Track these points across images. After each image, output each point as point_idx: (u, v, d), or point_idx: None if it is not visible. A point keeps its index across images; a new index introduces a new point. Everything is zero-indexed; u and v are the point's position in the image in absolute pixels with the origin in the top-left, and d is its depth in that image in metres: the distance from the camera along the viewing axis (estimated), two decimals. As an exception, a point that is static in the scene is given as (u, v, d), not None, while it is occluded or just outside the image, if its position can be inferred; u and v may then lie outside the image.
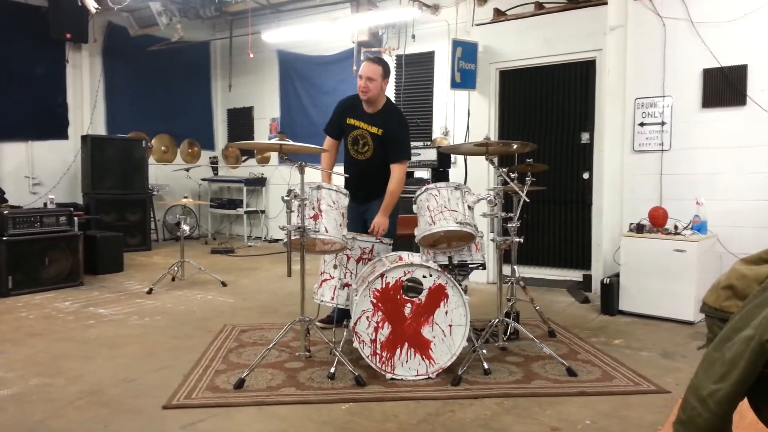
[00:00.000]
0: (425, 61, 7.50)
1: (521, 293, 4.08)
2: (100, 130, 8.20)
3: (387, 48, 7.66)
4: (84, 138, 7.64)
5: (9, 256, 4.96)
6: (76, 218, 5.59)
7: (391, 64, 7.67)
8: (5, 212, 5.07)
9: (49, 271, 5.25)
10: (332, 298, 3.45)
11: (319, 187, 3.23)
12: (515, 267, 3.94)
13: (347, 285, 3.43)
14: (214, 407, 2.69)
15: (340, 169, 3.97)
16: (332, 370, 3.02)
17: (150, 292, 5.15)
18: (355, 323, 3.01)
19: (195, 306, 4.74)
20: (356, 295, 3.06)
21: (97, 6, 6.97)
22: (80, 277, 5.46)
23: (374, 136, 3.82)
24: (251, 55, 8.24)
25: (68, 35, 7.52)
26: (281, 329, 3.29)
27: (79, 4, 6.96)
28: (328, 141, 4.03)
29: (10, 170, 7.35)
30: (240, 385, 2.89)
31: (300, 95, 8.76)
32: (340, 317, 3.80)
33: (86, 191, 7.56)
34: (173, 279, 5.63)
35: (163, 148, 9.07)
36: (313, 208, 3.17)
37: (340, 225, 3.24)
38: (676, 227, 4.40)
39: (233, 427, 2.51)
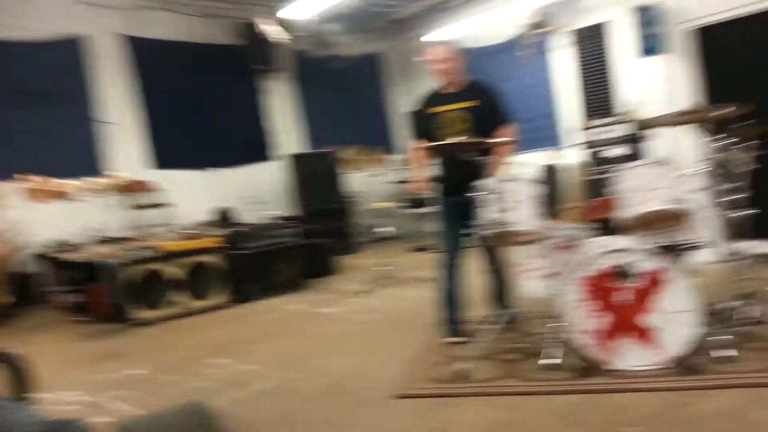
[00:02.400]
0: (599, 33, 7.08)
1: (755, 272, 3.68)
2: (303, 147, 9.06)
3: (555, 27, 7.38)
4: (291, 157, 8.53)
5: (247, 266, 5.73)
6: (296, 230, 6.27)
7: (565, 41, 7.38)
8: (242, 230, 5.89)
9: (279, 278, 5.96)
10: (539, 289, 3.45)
11: (509, 180, 3.27)
12: (746, 243, 3.56)
13: (554, 275, 3.41)
14: (440, 397, 2.88)
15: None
16: (551, 361, 3.04)
17: (363, 291, 5.60)
18: (568, 313, 3.00)
19: (405, 302, 5.05)
20: (565, 285, 3.05)
21: (285, 36, 7.73)
22: (304, 281, 6.12)
23: (470, 109, 3.71)
24: (417, 59, 8.48)
25: (264, 67, 8.42)
26: (493, 322, 3.38)
27: (268, 38, 7.76)
28: (413, 145, 3.91)
29: (236, 192, 8.46)
30: (461, 376, 3.05)
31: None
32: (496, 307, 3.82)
33: (298, 204, 8.43)
34: (381, 278, 6.03)
35: (356, 157, 9.72)
36: (506, 201, 3.21)
37: (536, 215, 3.24)
38: None
39: (461, 416, 2.67)
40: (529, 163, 4.95)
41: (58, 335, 5.18)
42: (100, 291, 5.37)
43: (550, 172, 7.68)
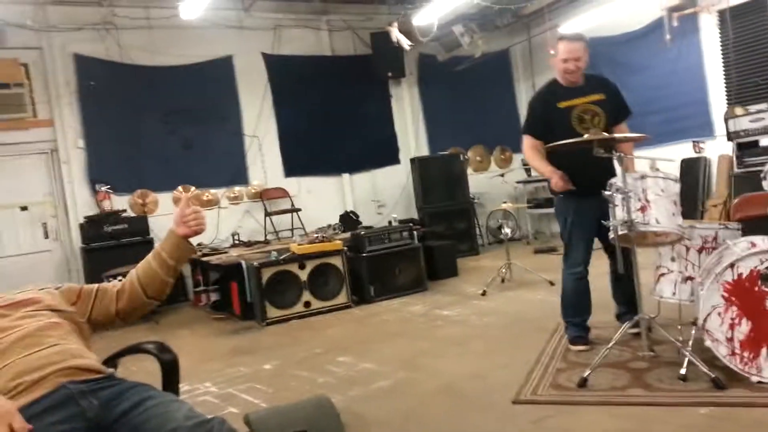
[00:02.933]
0: (757, 8, 6.38)
1: None
2: (424, 151, 9.15)
3: (704, 7, 6.77)
4: (412, 160, 8.64)
5: (369, 268, 5.89)
6: (415, 232, 6.34)
7: (712, 22, 6.75)
8: (362, 233, 6.06)
9: (399, 279, 6.06)
10: (673, 294, 3.20)
11: (643, 177, 3.05)
12: None
13: (690, 278, 3.14)
14: (560, 404, 2.76)
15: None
16: (683, 371, 2.80)
17: (484, 294, 5.52)
18: (705, 320, 2.74)
19: (527, 306, 4.91)
20: (702, 289, 2.79)
21: (410, 43, 7.86)
22: (424, 283, 6.17)
23: (599, 102, 3.51)
24: (552, 52, 8.17)
25: (390, 74, 8.65)
26: (619, 328, 3.19)
27: (396, 45, 7.95)
28: (531, 142, 3.63)
29: (360, 197, 8.75)
30: (583, 383, 2.90)
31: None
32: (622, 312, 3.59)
33: (419, 206, 8.52)
34: (503, 281, 5.92)
35: (478, 158, 9.64)
36: (639, 200, 3.01)
37: (673, 214, 3.01)
38: None
39: (582, 425, 2.54)
40: (669, 157, 4.60)
41: (198, 331, 5.67)
42: (237, 291, 5.79)
43: (692, 165, 7.09)
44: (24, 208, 6.97)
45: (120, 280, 2.09)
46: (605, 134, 3.14)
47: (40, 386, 1.57)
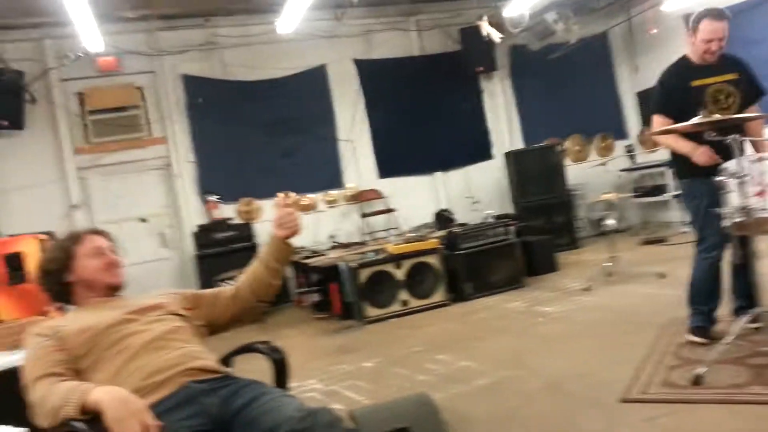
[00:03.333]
0: None
1: None
2: (519, 144, 8.95)
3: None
4: (507, 154, 8.49)
5: (464, 266, 5.85)
6: (511, 227, 6.22)
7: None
8: (457, 230, 6.04)
9: (496, 276, 5.97)
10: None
11: (761, 159, 2.82)
12: None
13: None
14: (674, 403, 2.61)
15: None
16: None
17: (587, 289, 5.32)
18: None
19: (635, 300, 4.68)
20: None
21: (501, 35, 7.72)
22: (522, 279, 6.04)
23: (733, 82, 3.27)
24: (654, 31, 7.73)
25: (481, 68, 8.55)
26: (737, 321, 2.97)
27: (486, 39, 7.84)
28: (664, 121, 3.34)
29: (454, 194, 8.71)
30: (698, 381, 2.73)
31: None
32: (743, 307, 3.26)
33: (515, 201, 8.34)
34: (608, 275, 5.66)
35: (576, 148, 9.28)
36: (758, 184, 2.78)
37: (796, 199, 2.75)
38: None
39: (699, 424, 2.39)
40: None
41: (302, 330, 5.90)
42: (337, 291, 5.97)
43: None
44: (143, 220, 7.58)
45: (230, 284, 2.24)
46: (718, 116, 2.93)
47: (167, 386, 1.73)
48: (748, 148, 2.87)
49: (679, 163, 3.37)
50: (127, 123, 7.41)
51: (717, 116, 2.90)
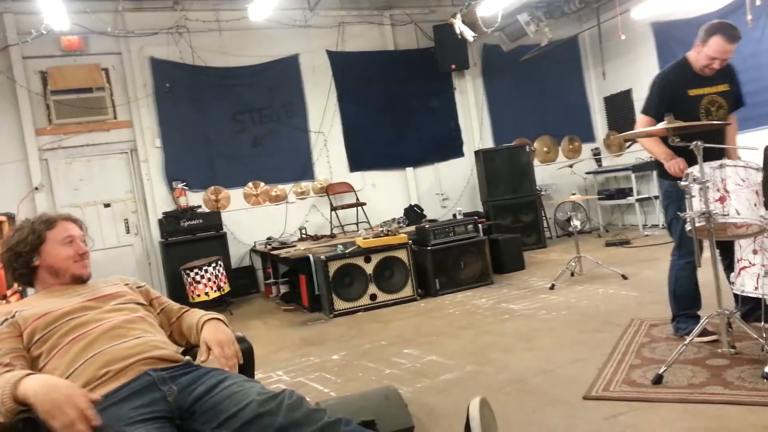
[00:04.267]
0: None
1: None
2: (489, 143, 9.05)
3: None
4: (477, 153, 8.56)
5: (433, 262, 5.90)
6: (480, 225, 6.29)
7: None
8: (427, 226, 6.07)
9: (464, 272, 6.03)
10: (756, 288, 3.05)
11: (722, 166, 2.91)
12: None
13: (773, 272, 2.98)
14: (634, 401, 2.68)
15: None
16: (767, 369, 2.67)
17: (552, 287, 5.42)
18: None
19: (598, 300, 4.79)
20: (789, 284, 2.64)
21: (473, 34, 7.78)
22: (490, 276, 6.11)
23: (724, 93, 3.36)
24: (623, 37, 7.89)
25: (453, 66, 8.59)
26: (697, 323, 3.06)
27: (459, 37, 7.88)
28: (650, 123, 3.35)
29: (424, 190, 8.76)
30: (658, 380, 2.81)
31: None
32: (749, 311, 3.32)
33: (484, 199, 8.43)
34: (572, 274, 5.79)
35: (545, 149, 9.43)
36: (718, 190, 2.87)
37: (755, 204, 2.85)
38: None
39: (657, 422, 2.47)
40: (751, 144, 4.37)
41: (269, 322, 5.85)
42: (305, 283, 5.94)
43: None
44: (107, 205, 7.40)
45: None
46: (679, 122, 3.01)
47: (125, 374, 1.70)
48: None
49: (662, 164, 3.40)
50: (91, 105, 7.21)
51: (679, 123, 2.97)
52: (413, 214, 8.03)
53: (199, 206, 7.39)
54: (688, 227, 2.98)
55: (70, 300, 1.87)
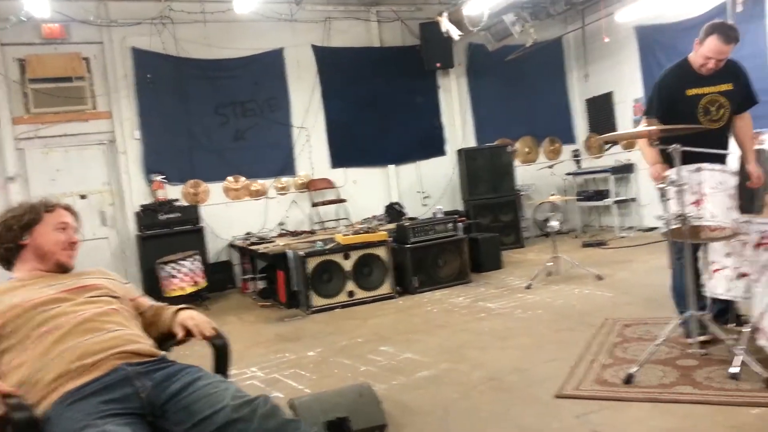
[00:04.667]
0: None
1: None
2: (471, 142, 9.07)
3: (770, -8, 6.45)
4: (459, 151, 8.59)
5: (413, 259, 5.90)
6: (460, 224, 6.31)
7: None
8: (407, 224, 6.08)
9: (443, 270, 6.05)
10: (727, 290, 3.09)
11: (699, 170, 2.95)
12: None
13: (744, 275, 3.02)
14: (605, 400, 2.71)
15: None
16: (735, 369, 2.71)
17: (529, 287, 5.46)
18: (759, 318, 2.64)
19: (573, 300, 4.83)
20: (758, 287, 2.69)
21: (459, 33, 7.79)
22: (468, 275, 6.13)
23: (727, 93, 3.35)
24: (606, 39, 7.96)
25: (438, 64, 8.59)
26: (668, 324, 3.11)
27: (445, 35, 7.89)
28: (651, 124, 3.30)
29: (405, 188, 8.76)
30: (629, 380, 2.85)
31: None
32: (720, 312, 3.37)
33: (465, 198, 8.47)
34: (549, 274, 5.83)
35: (526, 149, 9.49)
36: (694, 193, 2.91)
37: (729, 208, 2.89)
38: None
39: (627, 421, 2.50)
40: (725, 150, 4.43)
41: (245, 317, 5.81)
42: (283, 279, 5.91)
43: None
44: (83, 197, 7.29)
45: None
46: (660, 125, 3.04)
47: (98, 368, 1.68)
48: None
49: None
50: (70, 94, 7.09)
51: (656, 126, 3.01)
52: (394, 211, 8.03)
53: (177, 200, 7.31)
54: (664, 229, 3.02)
55: (45, 290, 1.84)
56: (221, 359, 1.98)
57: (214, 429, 1.58)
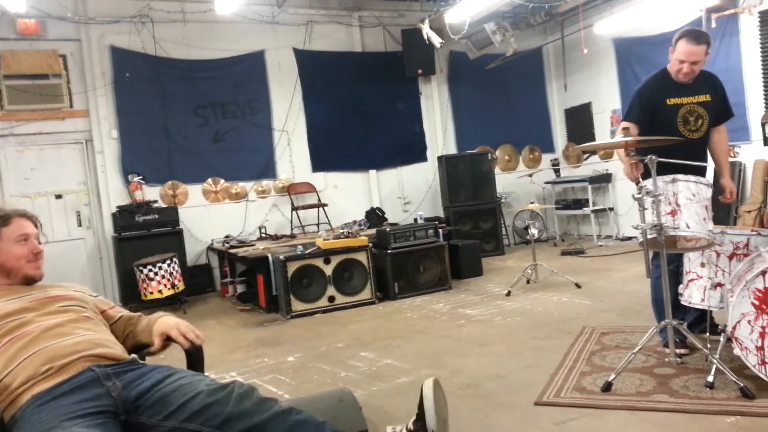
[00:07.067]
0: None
1: None
2: (452, 149, 9.12)
3: (745, 8, 6.61)
4: (440, 158, 8.62)
5: (393, 265, 5.91)
6: (440, 230, 6.33)
7: (753, 24, 6.59)
8: (387, 230, 6.08)
9: (424, 277, 6.06)
10: (702, 300, 3.15)
11: (674, 180, 3.00)
12: None
13: (719, 285, 3.08)
14: (584, 407, 2.74)
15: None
16: (710, 378, 2.76)
17: (508, 294, 5.49)
18: (734, 328, 2.69)
19: (552, 308, 4.87)
20: (732, 297, 2.74)
21: (441, 40, 7.84)
22: (448, 281, 6.16)
23: (705, 104, 3.40)
24: (585, 51, 8.08)
25: (420, 71, 8.63)
26: (645, 333, 3.15)
27: (427, 42, 7.93)
28: (634, 131, 3.39)
29: (386, 194, 8.77)
30: (607, 388, 2.88)
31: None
32: (695, 322, 3.43)
33: (445, 205, 8.50)
34: (528, 281, 5.88)
35: (506, 157, 9.58)
36: (670, 204, 2.96)
37: (704, 219, 2.95)
38: None
39: (605, 428, 2.52)
40: (702, 162, 4.52)
41: (224, 322, 5.75)
42: (263, 283, 5.86)
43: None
44: (59, 197, 7.16)
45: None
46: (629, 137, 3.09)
47: (68, 370, 1.65)
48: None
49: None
50: (46, 92, 6.96)
51: (633, 131, 3.06)
52: (374, 216, 8.03)
53: (155, 201, 7.21)
54: (640, 239, 3.07)
55: (13, 303, 1.80)
56: (195, 363, 1.97)
57: (189, 414, 1.57)
